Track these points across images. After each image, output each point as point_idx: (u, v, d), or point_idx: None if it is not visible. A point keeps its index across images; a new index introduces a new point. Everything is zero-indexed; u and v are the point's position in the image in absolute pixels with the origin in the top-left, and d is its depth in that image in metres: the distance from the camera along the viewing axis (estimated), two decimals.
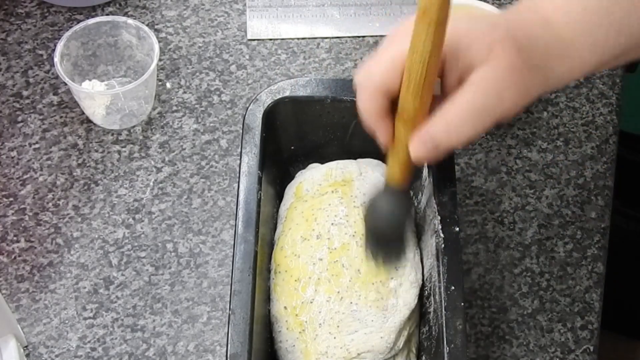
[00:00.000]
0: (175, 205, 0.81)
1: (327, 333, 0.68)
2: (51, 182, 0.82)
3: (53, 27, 0.91)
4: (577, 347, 0.75)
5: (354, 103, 0.75)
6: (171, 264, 0.78)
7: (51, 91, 0.87)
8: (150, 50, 0.82)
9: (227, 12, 0.93)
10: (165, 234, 0.79)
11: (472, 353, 0.74)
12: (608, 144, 0.86)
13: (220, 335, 0.74)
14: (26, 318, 0.75)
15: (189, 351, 0.74)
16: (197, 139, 0.84)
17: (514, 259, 0.79)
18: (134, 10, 0.92)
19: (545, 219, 0.81)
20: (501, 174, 0.83)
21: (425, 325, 0.70)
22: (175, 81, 0.88)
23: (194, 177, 0.82)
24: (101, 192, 0.81)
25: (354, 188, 0.74)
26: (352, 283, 0.69)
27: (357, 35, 0.92)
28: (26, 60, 0.89)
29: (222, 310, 0.75)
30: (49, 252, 0.78)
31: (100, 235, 0.79)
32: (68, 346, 0.74)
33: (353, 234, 0.71)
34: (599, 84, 0.89)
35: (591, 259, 0.79)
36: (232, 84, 0.88)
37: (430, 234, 0.70)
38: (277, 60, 0.90)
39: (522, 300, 0.77)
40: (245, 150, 0.72)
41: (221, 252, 0.78)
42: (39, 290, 0.76)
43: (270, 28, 0.92)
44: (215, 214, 0.80)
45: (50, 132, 0.84)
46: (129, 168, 0.83)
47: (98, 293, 0.76)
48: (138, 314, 0.75)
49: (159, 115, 0.86)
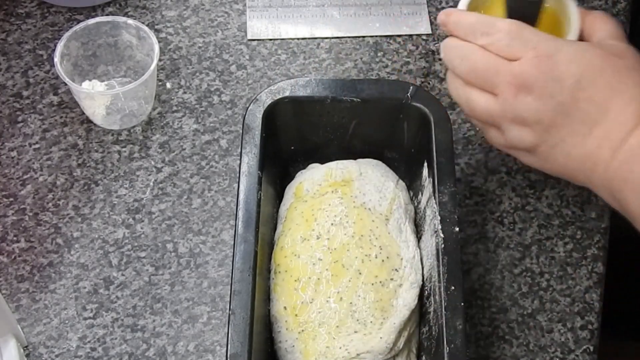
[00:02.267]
0: (175, 205, 0.81)
1: (326, 333, 0.68)
2: (51, 182, 0.82)
3: (53, 27, 0.91)
4: (577, 347, 0.75)
5: (354, 103, 0.75)
6: (171, 264, 0.78)
7: (51, 91, 0.87)
8: (150, 50, 0.83)
9: (227, 12, 0.93)
10: (165, 234, 0.79)
11: (472, 353, 0.74)
12: None
13: (220, 335, 0.74)
14: (26, 318, 0.75)
15: (189, 351, 0.74)
16: (197, 139, 0.84)
17: (514, 259, 0.79)
18: (134, 11, 0.92)
19: (545, 219, 0.81)
20: (501, 174, 0.83)
21: (425, 325, 0.70)
22: (175, 81, 0.88)
23: (194, 177, 0.82)
24: (101, 192, 0.81)
25: (354, 188, 0.74)
26: (352, 283, 0.69)
27: (357, 35, 0.92)
28: (26, 60, 0.89)
29: (222, 310, 0.75)
30: (49, 252, 0.78)
31: (100, 235, 0.79)
32: (68, 346, 0.74)
33: (353, 234, 0.71)
34: None
35: (591, 259, 0.79)
36: (232, 84, 0.88)
37: (430, 234, 0.70)
38: (277, 60, 0.90)
39: (522, 300, 0.77)
40: (245, 150, 0.72)
41: (221, 252, 0.78)
42: (39, 291, 0.76)
43: (270, 28, 0.92)
44: (215, 214, 0.80)
45: (50, 132, 0.84)
46: (129, 168, 0.83)
47: (98, 293, 0.76)
48: (138, 314, 0.75)
49: (159, 115, 0.86)
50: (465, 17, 0.69)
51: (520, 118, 0.67)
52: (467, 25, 0.69)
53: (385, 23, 0.93)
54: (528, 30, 0.67)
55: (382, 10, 0.94)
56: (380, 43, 0.91)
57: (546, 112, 0.65)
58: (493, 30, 0.67)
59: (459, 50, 0.69)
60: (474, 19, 0.69)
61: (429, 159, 0.72)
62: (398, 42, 0.91)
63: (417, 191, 0.75)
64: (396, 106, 0.75)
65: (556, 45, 0.66)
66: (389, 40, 0.92)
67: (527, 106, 0.66)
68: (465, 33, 0.69)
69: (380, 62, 0.90)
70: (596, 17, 0.72)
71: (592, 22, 0.71)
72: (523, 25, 0.67)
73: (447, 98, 0.86)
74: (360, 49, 0.91)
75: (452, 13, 0.71)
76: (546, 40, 0.66)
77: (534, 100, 0.65)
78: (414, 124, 0.75)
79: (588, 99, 0.64)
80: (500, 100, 0.67)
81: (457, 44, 0.69)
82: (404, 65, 0.90)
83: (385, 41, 0.91)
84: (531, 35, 0.66)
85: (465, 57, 0.68)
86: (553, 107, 0.65)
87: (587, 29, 0.71)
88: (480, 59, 0.67)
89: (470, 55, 0.68)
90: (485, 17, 0.69)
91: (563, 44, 0.66)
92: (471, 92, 0.69)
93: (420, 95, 0.75)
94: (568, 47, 0.66)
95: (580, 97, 0.64)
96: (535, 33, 0.67)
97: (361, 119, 0.77)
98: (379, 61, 0.90)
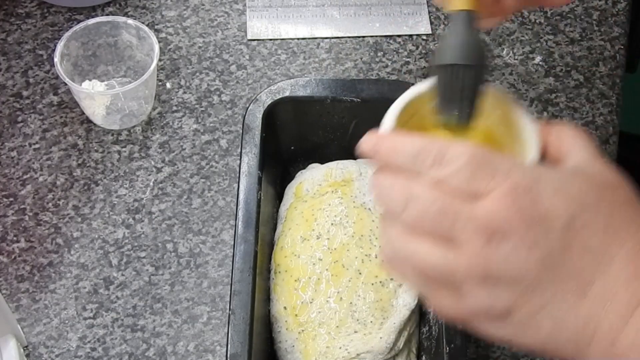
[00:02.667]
0: (175, 205, 0.81)
1: (326, 333, 0.68)
2: (51, 182, 0.82)
3: (53, 27, 0.91)
4: None
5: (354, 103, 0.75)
6: (171, 264, 0.78)
7: (51, 91, 0.87)
8: (150, 50, 0.83)
9: (227, 12, 0.93)
10: (165, 234, 0.79)
11: (472, 353, 0.74)
12: (608, 144, 0.86)
13: (220, 335, 0.74)
14: (26, 318, 0.75)
15: (189, 351, 0.74)
16: (197, 139, 0.84)
17: None
18: (134, 11, 0.92)
19: None
20: None
21: (425, 325, 0.70)
22: (175, 81, 0.88)
23: (194, 177, 0.82)
24: (101, 192, 0.81)
25: (354, 188, 0.74)
26: (352, 283, 0.69)
27: (357, 35, 0.92)
28: (26, 60, 0.89)
29: (222, 310, 0.75)
30: (49, 252, 0.78)
31: (100, 235, 0.79)
32: (68, 346, 0.74)
33: (353, 234, 0.71)
34: (599, 84, 0.89)
35: None
36: (232, 84, 0.88)
37: None
38: (277, 60, 0.90)
39: None
40: (245, 150, 0.72)
41: (221, 252, 0.78)
42: (39, 290, 0.76)
43: (270, 28, 0.92)
44: (215, 214, 0.80)
45: (50, 132, 0.84)
46: (129, 168, 0.83)
47: (98, 293, 0.76)
48: (138, 314, 0.75)
49: (159, 115, 0.86)
50: (404, 142, 0.51)
51: (493, 276, 0.49)
52: (409, 153, 0.50)
53: (385, 23, 0.93)
54: (493, 156, 0.49)
55: (382, 10, 0.94)
56: (380, 43, 0.91)
57: (530, 265, 0.48)
58: (448, 158, 0.49)
59: (400, 190, 0.50)
60: (418, 144, 0.50)
61: None
62: (398, 42, 0.91)
63: None
64: None
65: (534, 174, 0.49)
66: (389, 40, 0.92)
67: (503, 259, 0.48)
68: (406, 164, 0.50)
69: (380, 62, 0.90)
70: (563, 132, 0.55)
71: (559, 140, 0.54)
72: (485, 150, 0.49)
73: None
74: (360, 49, 0.91)
75: (383, 137, 0.52)
76: (520, 168, 0.49)
77: (513, 251, 0.48)
78: None
79: (583, 246, 0.49)
80: (463, 254, 0.49)
81: (396, 181, 0.50)
82: (404, 65, 0.90)
83: (385, 41, 0.91)
84: (499, 162, 0.49)
85: (410, 198, 0.49)
86: (538, 258, 0.48)
87: (552, 149, 0.54)
88: (433, 199, 0.49)
89: (417, 195, 0.49)
90: (433, 140, 0.50)
91: (542, 172, 0.50)
92: (418, 245, 0.50)
93: None
94: (549, 175, 0.50)
95: (573, 244, 0.49)
96: (503, 158, 0.49)
97: (361, 119, 0.77)
98: (379, 61, 0.90)
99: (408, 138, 0.51)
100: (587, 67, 0.90)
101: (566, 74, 0.90)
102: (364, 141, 0.53)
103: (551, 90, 0.89)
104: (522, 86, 0.89)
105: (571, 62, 0.90)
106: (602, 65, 0.90)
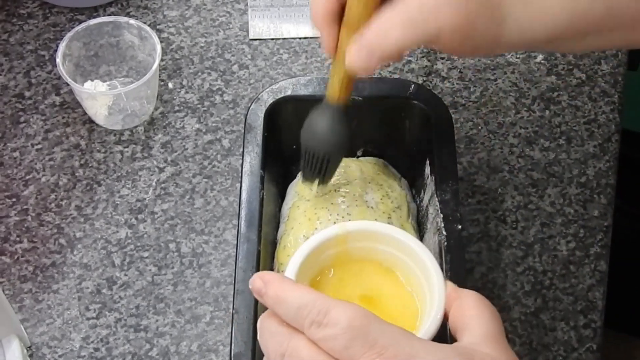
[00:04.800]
0: (177, 205, 0.81)
1: None
2: (54, 183, 0.82)
3: (55, 28, 0.91)
4: (580, 346, 0.75)
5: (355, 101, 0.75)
6: (174, 264, 0.78)
7: (53, 92, 0.87)
8: (152, 50, 0.83)
9: (229, 12, 0.93)
10: (167, 234, 0.79)
11: None
12: (610, 142, 0.86)
13: (224, 335, 0.74)
14: (29, 318, 0.75)
15: (192, 351, 0.74)
16: (200, 139, 0.84)
17: (517, 258, 0.79)
18: (135, 11, 0.92)
19: (547, 217, 0.81)
20: (503, 173, 0.83)
21: None
22: (177, 81, 0.88)
23: (196, 177, 0.82)
24: (104, 193, 0.81)
25: (356, 186, 0.74)
26: None
27: None
28: (28, 61, 0.89)
29: (225, 310, 0.75)
30: (51, 252, 0.78)
31: (103, 235, 0.79)
32: (71, 346, 0.74)
33: None
34: (601, 82, 0.89)
35: (594, 258, 0.79)
36: (234, 83, 0.88)
37: (433, 232, 0.70)
38: (279, 60, 0.90)
39: (524, 299, 0.77)
40: (248, 149, 0.72)
41: (224, 251, 0.78)
42: (42, 291, 0.76)
43: (272, 28, 0.92)
44: (218, 214, 0.80)
45: (53, 132, 0.84)
46: (132, 168, 0.83)
47: (101, 293, 0.76)
48: (141, 314, 0.75)
49: (161, 115, 0.86)
50: (290, 293, 0.49)
51: None
52: (292, 305, 0.49)
53: None
54: (375, 324, 0.47)
55: None
56: None
57: None
58: (327, 320, 0.47)
59: (280, 341, 0.49)
60: (302, 298, 0.49)
61: (431, 157, 0.72)
62: None
63: (419, 189, 0.75)
64: (398, 104, 0.75)
65: (412, 350, 0.47)
66: None
67: None
68: (288, 316, 0.49)
69: None
70: (469, 301, 0.52)
71: (461, 310, 0.52)
72: (369, 316, 0.47)
73: (449, 97, 0.86)
74: None
75: (271, 281, 0.50)
76: (398, 342, 0.47)
77: None
78: (416, 122, 0.75)
79: None
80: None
81: (278, 329, 0.49)
82: (405, 64, 0.90)
83: None
84: (378, 334, 0.47)
85: (286, 353, 0.49)
86: None
87: (453, 318, 0.52)
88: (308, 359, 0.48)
89: (293, 352, 0.48)
90: (317, 297, 0.48)
91: (421, 348, 0.47)
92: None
93: (422, 94, 0.75)
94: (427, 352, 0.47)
95: None
96: (383, 329, 0.47)
97: (362, 118, 0.77)
98: None
99: (295, 289, 0.50)
100: (589, 65, 0.90)
101: (568, 72, 0.90)
102: (252, 280, 0.51)
103: (553, 88, 0.89)
104: (524, 84, 0.89)
105: (573, 61, 0.90)
106: (604, 63, 0.90)
